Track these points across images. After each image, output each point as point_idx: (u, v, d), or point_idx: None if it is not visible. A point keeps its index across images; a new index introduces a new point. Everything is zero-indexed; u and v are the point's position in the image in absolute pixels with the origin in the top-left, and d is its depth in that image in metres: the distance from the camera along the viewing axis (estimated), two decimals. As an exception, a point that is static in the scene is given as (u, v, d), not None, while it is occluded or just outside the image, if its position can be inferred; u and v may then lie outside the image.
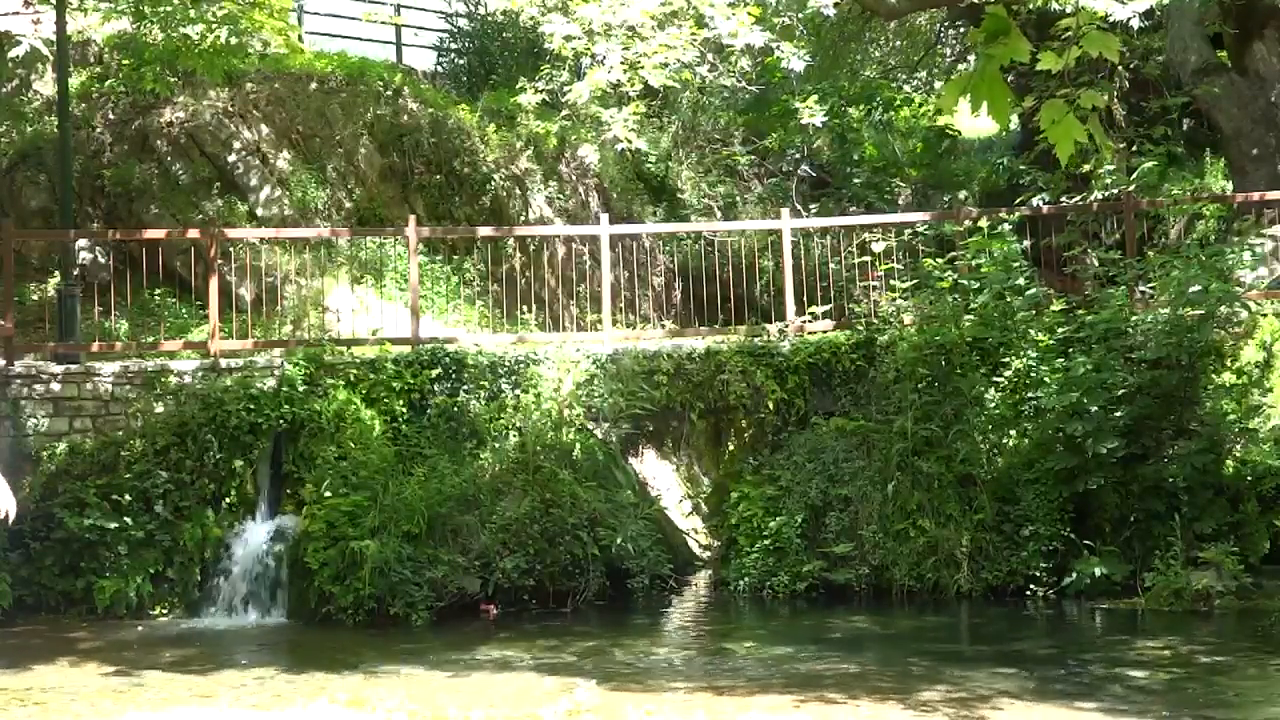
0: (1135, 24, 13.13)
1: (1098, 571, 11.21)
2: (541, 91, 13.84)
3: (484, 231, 15.18)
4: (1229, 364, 12.09)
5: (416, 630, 11.01)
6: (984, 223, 13.88)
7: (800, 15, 17.86)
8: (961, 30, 22.41)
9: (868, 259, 14.23)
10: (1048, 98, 4.58)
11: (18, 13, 15.17)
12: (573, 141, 17.84)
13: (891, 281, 13.57)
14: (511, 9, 13.46)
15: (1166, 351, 11.74)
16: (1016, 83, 4.62)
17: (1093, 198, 15.01)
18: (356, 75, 17.72)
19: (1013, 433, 12.16)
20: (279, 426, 12.19)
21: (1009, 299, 12.95)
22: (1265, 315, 12.65)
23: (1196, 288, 11.91)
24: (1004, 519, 11.79)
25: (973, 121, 21.00)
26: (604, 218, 15.09)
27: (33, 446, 12.00)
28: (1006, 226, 13.67)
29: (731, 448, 13.59)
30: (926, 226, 14.70)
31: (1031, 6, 12.99)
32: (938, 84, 23.53)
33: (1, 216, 13.86)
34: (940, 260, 13.65)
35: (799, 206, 18.37)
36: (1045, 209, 15.07)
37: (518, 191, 17.49)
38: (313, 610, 11.33)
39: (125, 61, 15.42)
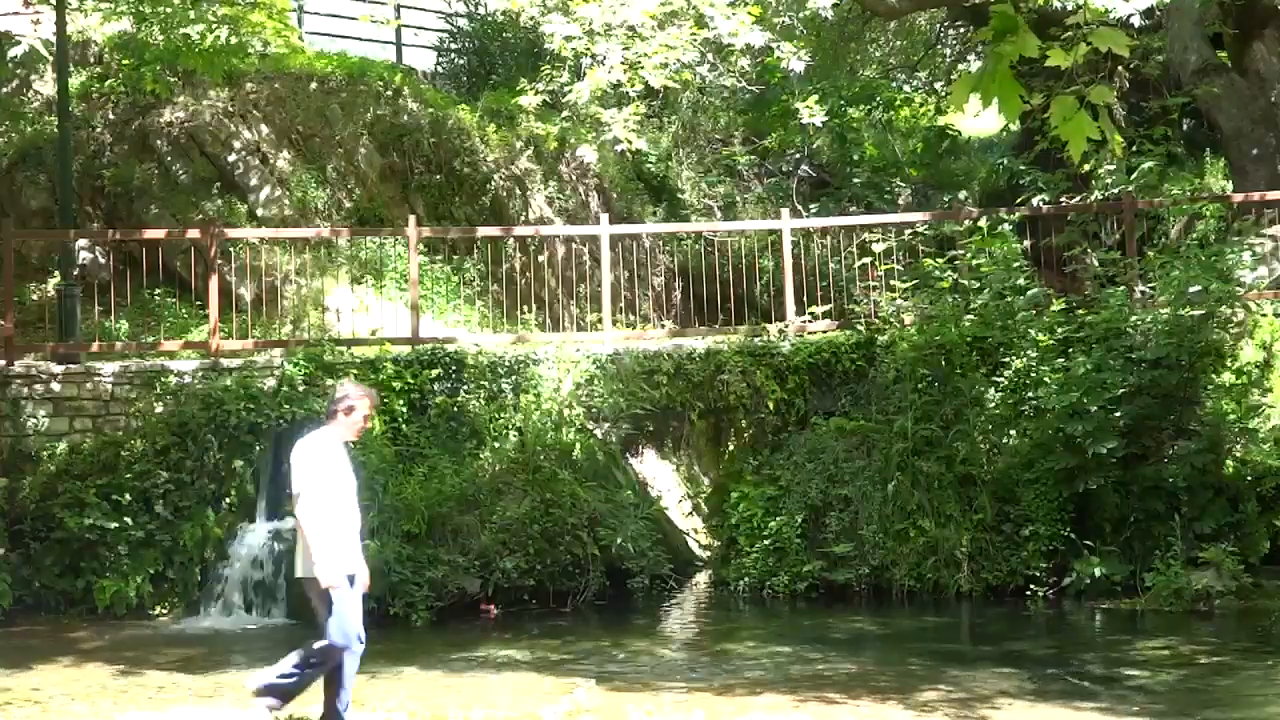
0: (1135, 23, 13.13)
1: (1098, 571, 11.21)
2: (542, 93, 13.83)
3: (484, 231, 15.18)
4: (1229, 364, 12.08)
5: (416, 630, 11.01)
6: (984, 223, 13.88)
7: (800, 15, 17.86)
8: (962, 30, 22.40)
9: (868, 259, 14.23)
10: (1054, 96, 4.57)
11: (18, 13, 15.17)
12: (572, 142, 17.83)
13: (891, 281, 13.57)
14: (511, 9, 13.43)
15: (1166, 351, 11.74)
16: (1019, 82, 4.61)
17: (1093, 198, 15.00)
18: (356, 75, 17.72)
19: (1013, 433, 12.16)
20: (279, 426, 12.18)
21: (1009, 299, 12.95)
22: (1265, 315, 12.65)
23: (1196, 288, 11.92)
24: (1004, 519, 11.79)
25: (973, 121, 21.01)
26: (604, 218, 15.09)
27: (33, 446, 12.01)
28: (1006, 226, 13.66)
29: (731, 448, 13.59)
30: (926, 226, 14.68)
31: (1034, 5, 12.98)
32: (938, 84, 23.51)
33: (1, 216, 13.85)
34: (940, 260, 13.65)
35: (799, 206, 18.37)
36: (1045, 209, 15.06)
37: (518, 191, 17.49)
38: (313, 610, 11.30)
39: (125, 61, 15.43)
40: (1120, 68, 16.72)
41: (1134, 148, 15.77)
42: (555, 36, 12.35)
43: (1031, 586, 11.50)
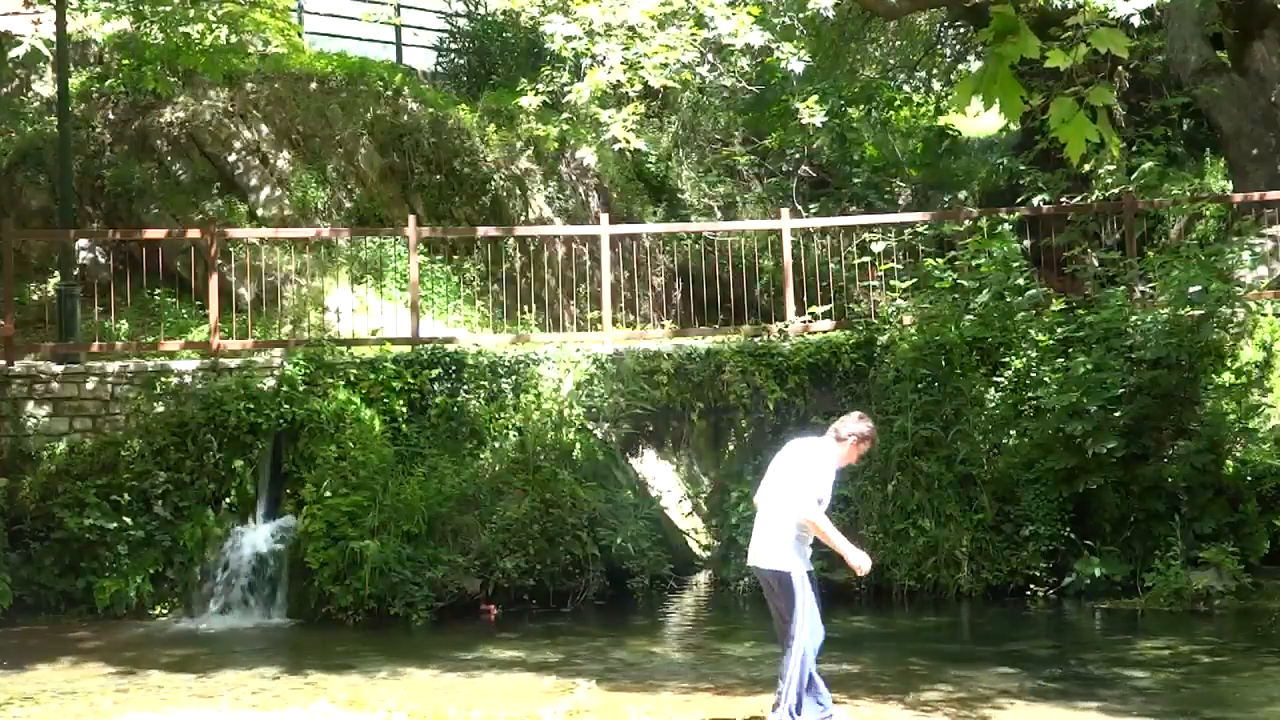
0: (1135, 23, 13.12)
1: (1098, 571, 11.22)
2: (542, 93, 13.82)
3: (484, 231, 15.18)
4: (1229, 364, 12.09)
5: (416, 630, 11.02)
6: (984, 223, 13.88)
7: (800, 15, 17.86)
8: (962, 30, 22.39)
9: (868, 259, 14.23)
10: (1054, 97, 4.57)
11: (18, 13, 15.17)
12: (572, 143, 17.83)
13: (891, 281, 13.57)
14: (511, 9, 13.45)
15: (1166, 351, 11.74)
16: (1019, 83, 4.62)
17: (1093, 198, 15.01)
18: (356, 75, 17.71)
19: (1013, 433, 12.16)
20: (279, 426, 12.18)
21: (1009, 299, 12.94)
22: (1265, 315, 12.65)
23: (1196, 288, 11.92)
24: (1004, 519, 11.80)
25: (973, 121, 20.99)
26: (604, 218, 15.08)
27: (33, 446, 12.01)
28: (1006, 226, 13.67)
29: (731, 448, 13.60)
30: (926, 226, 14.69)
31: (1035, 5, 12.97)
32: (937, 84, 23.50)
33: (1, 216, 13.85)
34: (940, 260, 13.65)
35: (799, 206, 18.36)
36: (1045, 209, 15.07)
37: (518, 191, 17.48)
38: (313, 610, 11.33)
39: (125, 61, 15.42)
40: (1120, 68, 16.70)
41: (1134, 148, 15.79)
42: (555, 37, 12.37)
43: (1031, 586, 11.50)
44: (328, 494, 11.66)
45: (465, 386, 12.75)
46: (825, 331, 13.73)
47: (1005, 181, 18.28)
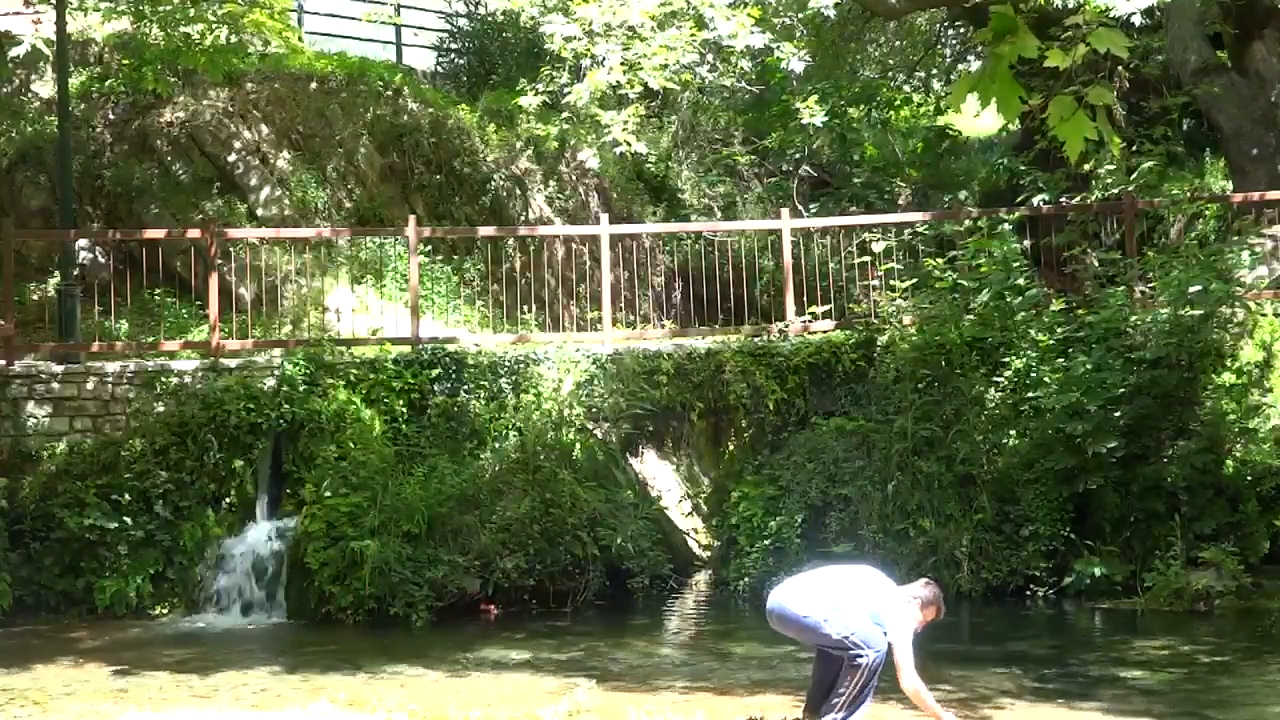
0: (1136, 23, 13.11)
1: (1098, 571, 11.22)
2: (542, 93, 13.82)
3: (484, 231, 15.18)
4: (1229, 364, 12.09)
5: (416, 630, 11.02)
6: (984, 223, 13.88)
7: (800, 15, 17.86)
8: (961, 30, 22.38)
9: (868, 259, 14.24)
10: (1053, 96, 4.57)
11: (18, 13, 15.17)
12: (573, 144, 17.83)
13: (891, 281, 13.58)
14: (511, 9, 13.45)
15: (1166, 351, 11.75)
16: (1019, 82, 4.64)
17: (1093, 198, 15.01)
18: (356, 75, 17.71)
19: (1013, 433, 12.16)
20: (279, 426, 12.19)
21: (1009, 299, 12.95)
22: (1265, 315, 12.65)
23: (1196, 288, 11.93)
24: (1004, 519, 11.80)
25: (973, 121, 20.99)
26: (604, 218, 15.08)
27: (33, 446, 12.01)
28: (1006, 226, 13.67)
29: (731, 448, 13.60)
30: (926, 226, 14.70)
31: (1034, 5, 12.96)
32: (937, 84, 23.49)
33: (1, 216, 13.85)
34: (940, 260, 13.65)
35: (799, 206, 18.36)
36: (1045, 209, 15.07)
37: (518, 191, 17.48)
38: (313, 610, 11.33)
39: (125, 61, 15.42)
40: (1120, 68, 16.69)
41: (1134, 148, 15.77)
42: (555, 37, 12.36)
43: (1031, 586, 11.51)
44: (328, 494, 11.66)
45: (465, 386, 12.75)
46: (825, 331, 13.73)
47: (1005, 181, 18.26)
